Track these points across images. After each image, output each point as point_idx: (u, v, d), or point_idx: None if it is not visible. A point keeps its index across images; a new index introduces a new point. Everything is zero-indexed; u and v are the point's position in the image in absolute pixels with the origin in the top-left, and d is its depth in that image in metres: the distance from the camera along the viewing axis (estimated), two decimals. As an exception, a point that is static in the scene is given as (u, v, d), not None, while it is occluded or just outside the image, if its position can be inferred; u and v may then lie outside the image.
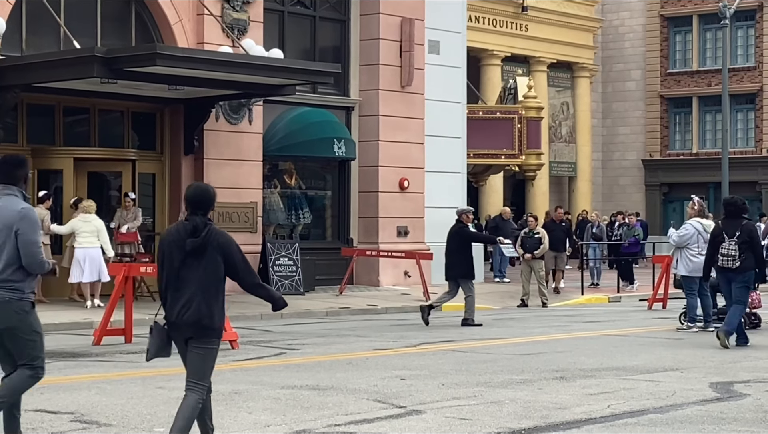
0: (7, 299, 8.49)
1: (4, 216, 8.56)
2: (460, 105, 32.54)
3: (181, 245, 8.42)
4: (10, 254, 8.51)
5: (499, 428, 10.12)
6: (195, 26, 25.85)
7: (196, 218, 8.45)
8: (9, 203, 8.60)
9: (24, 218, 8.54)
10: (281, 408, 11.10)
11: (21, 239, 8.50)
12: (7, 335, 8.58)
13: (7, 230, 8.52)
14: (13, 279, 8.52)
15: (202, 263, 8.40)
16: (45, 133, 25.02)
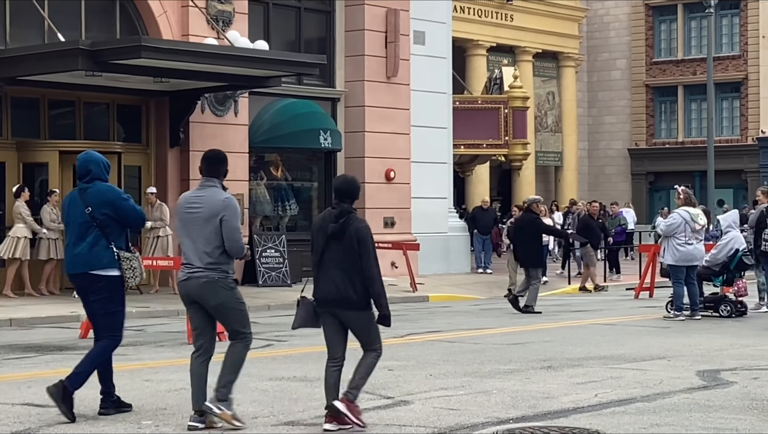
0: (215, 279, 9.63)
1: (211, 205, 9.65)
2: (445, 95, 32.52)
3: (325, 230, 9.62)
4: (217, 238, 9.59)
5: (486, 418, 10.13)
6: (180, 18, 25.79)
7: (341, 206, 9.66)
8: (213, 194, 9.71)
9: (228, 207, 9.64)
10: (269, 400, 11.10)
11: (225, 225, 9.60)
12: (218, 310, 9.76)
13: (214, 218, 9.59)
14: (219, 261, 9.63)
15: (341, 245, 9.56)
16: (30, 126, 24.95)
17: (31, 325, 19.22)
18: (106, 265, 10.16)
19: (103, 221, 10.15)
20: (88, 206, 10.14)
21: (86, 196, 10.21)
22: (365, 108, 29.49)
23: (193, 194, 9.90)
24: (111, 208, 10.18)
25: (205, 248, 9.63)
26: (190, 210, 9.74)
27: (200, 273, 9.64)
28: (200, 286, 9.66)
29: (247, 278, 26.22)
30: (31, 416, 10.17)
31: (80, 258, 10.18)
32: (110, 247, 10.16)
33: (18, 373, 13.15)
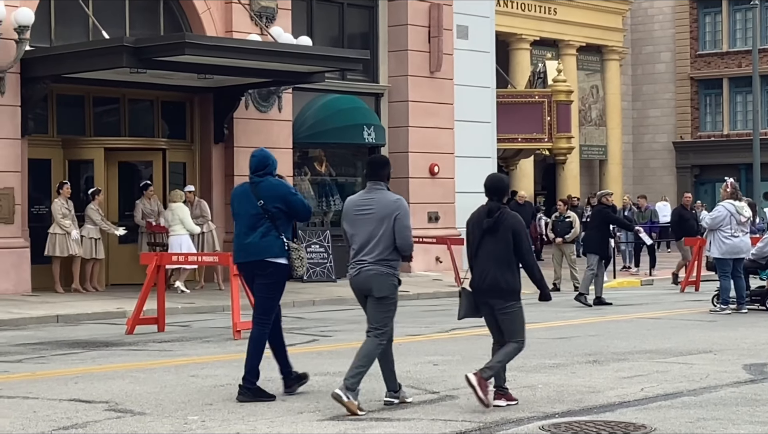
0: (385, 273, 10.27)
1: (384, 206, 10.34)
2: (489, 90, 32.44)
3: (480, 225, 10.46)
4: (388, 237, 10.24)
5: (532, 412, 10.10)
6: (223, 15, 25.86)
7: (491, 203, 10.47)
8: (384, 196, 10.43)
9: (400, 207, 10.34)
10: (314, 395, 11.10)
11: (398, 224, 10.27)
12: (376, 301, 10.30)
13: (388, 218, 10.27)
14: (390, 258, 10.31)
15: (495, 239, 10.37)
16: (75, 123, 25.11)
17: (77, 321, 19.34)
18: (277, 254, 10.87)
19: (274, 213, 10.87)
20: (261, 199, 10.86)
21: (258, 189, 10.93)
22: (409, 103, 29.47)
23: (361, 197, 10.60)
24: (282, 202, 10.90)
25: (375, 245, 10.30)
26: (360, 211, 10.44)
27: (370, 267, 10.30)
28: (369, 278, 10.31)
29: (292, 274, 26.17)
30: (78, 412, 10.21)
31: (252, 247, 10.88)
32: (280, 237, 10.87)
33: (65, 369, 13.22)
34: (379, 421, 9.78)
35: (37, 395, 11.12)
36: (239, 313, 16.36)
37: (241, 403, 10.61)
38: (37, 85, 22.83)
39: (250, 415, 10.00)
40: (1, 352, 15.08)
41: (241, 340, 15.97)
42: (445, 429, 9.40)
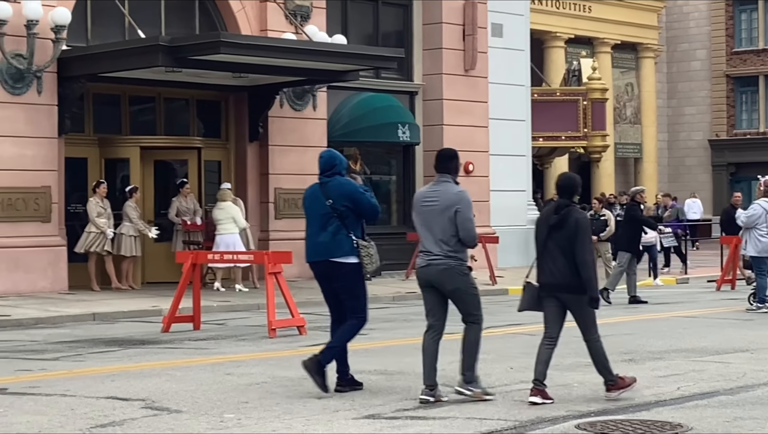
0: (452, 266, 10.54)
1: (446, 198, 10.55)
2: (524, 88, 32.41)
3: (547, 221, 10.70)
4: (452, 228, 10.47)
5: (568, 411, 10.09)
6: (258, 13, 25.92)
7: (561, 200, 10.74)
8: (447, 188, 10.62)
9: (462, 200, 10.55)
10: (350, 393, 11.11)
11: (460, 216, 10.48)
12: (454, 295, 10.66)
13: (449, 210, 10.48)
14: (455, 249, 10.54)
15: (561, 235, 10.57)
16: (111, 122, 25.23)
17: (113, 319, 19.44)
18: (347, 253, 11.09)
19: (343, 212, 11.09)
20: (329, 198, 11.10)
21: (327, 189, 11.17)
22: (443, 101, 29.47)
23: (428, 189, 10.81)
24: (350, 200, 11.10)
25: (441, 237, 10.54)
26: (427, 203, 10.67)
27: (439, 260, 10.55)
28: (439, 272, 10.56)
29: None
30: (115, 409, 10.26)
31: (323, 247, 11.15)
32: (350, 236, 11.08)
33: (101, 367, 13.29)
34: (415, 419, 9.78)
35: (75, 392, 11.18)
36: (274, 312, 16.41)
37: (277, 403, 10.64)
38: (73, 85, 22.97)
39: (285, 413, 10.03)
40: (39, 350, 15.18)
41: (276, 338, 16.04)
42: (481, 427, 9.39)
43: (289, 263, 17.68)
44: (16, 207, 22.29)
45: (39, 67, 22.39)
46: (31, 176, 22.45)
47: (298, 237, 26.00)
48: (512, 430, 9.30)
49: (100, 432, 9.25)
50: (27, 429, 9.33)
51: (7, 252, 22.10)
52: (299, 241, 25.69)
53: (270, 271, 16.75)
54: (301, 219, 26.56)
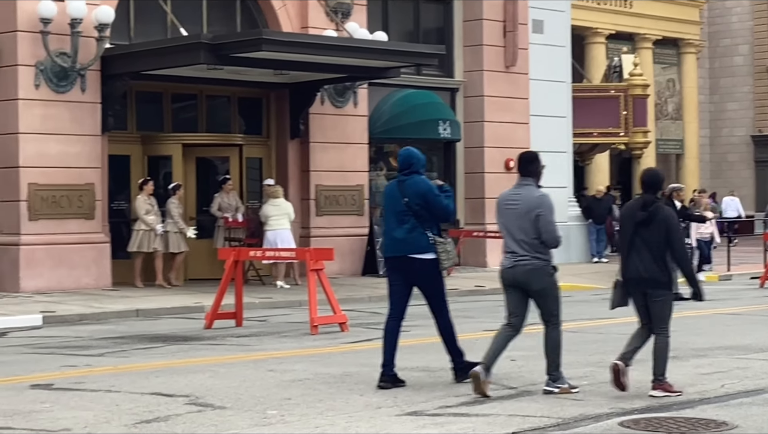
0: (539, 266, 10.81)
1: (527, 202, 10.81)
2: (565, 84, 32.33)
3: (633, 217, 10.82)
4: (535, 230, 10.73)
5: (611, 408, 10.07)
6: (299, 11, 25.98)
7: (646, 196, 10.83)
8: (529, 192, 10.90)
9: (542, 204, 10.81)
10: (392, 390, 11.14)
11: (541, 220, 10.76)
12: (539, 294, 10.89)
13: (531, 214, 10.75)
14: (540, 250, 10.82)
15: (648, 231, 10.71)
16: (154, 120, 25.36)
17: (156, 316, 19.55)
18: (424, 249, 11.31)
19: (418, 211, 11.34)
20: (406, 196, 11.37)
21: (404, 187, 11.44)
22: (484, 98, 29.44)
23: (511, 191, 11.12)
24: (423, 200, 11.34)
25: (524, 238, 10.82)
26: (509, 206, 10.97)
27: (525, 261, 10.82)
28: (526, 272, 10.83)
29: (367, 269, 26.36)
30: (159, 405, 10.33)
31: (399, 243, 11.39)
32: (426, 233, 11.31)
33: (146, 363, 13.38)
34: (458, 416, 9.79)
35: (120, 388, 11.26)
36: (316, 308, 16.45)
37: (320, 400, 10.68)
38: (116, 83, 23.10)
39: (329, 410, 10.06)
40: (84, 346, 15.29)
41: (318, 335, 16.08)
42: (524, 424, 9.39)
43: (330, 260, 17.69)
44: (60, 204, 22.45)
45: (83, 65, 22.54)
46: (75, 174, 22.62)
47: (338, 234, 26.22)
48: (555, 427, 9.29)
49: (145, 427, 9.31)
50: (73, 425, 9.41)
51: (51, 249, 22.27)
52: (340, 238, 26.02)
53: (312, 268, 16.79)
54: (342, 216, 26.90)
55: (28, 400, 10.64)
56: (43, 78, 22.28)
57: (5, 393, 11.06)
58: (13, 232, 22.15)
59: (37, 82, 22.21)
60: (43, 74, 22.27)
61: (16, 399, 10.69)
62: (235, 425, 9.44)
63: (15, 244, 22.04)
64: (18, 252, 21.98)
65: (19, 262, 21.94)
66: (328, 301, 16.80)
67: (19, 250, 21.98)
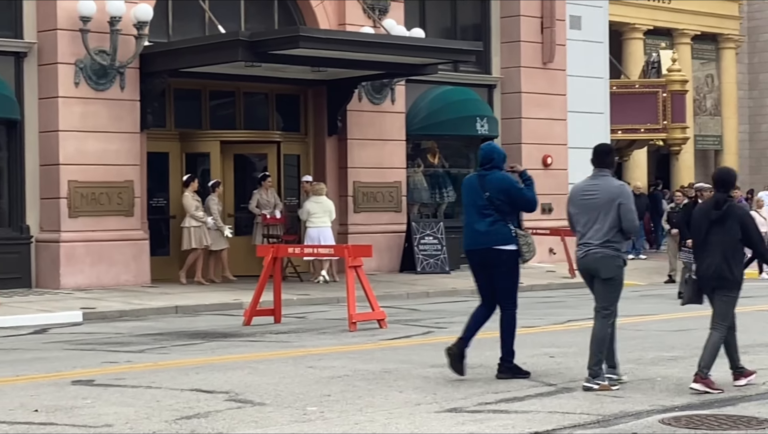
0: (611, 255, 11.00)
1: (607, 191, 11.06)
2: (602, 80, 32.24)
3: (707, 216, 10.94)
4: (612, 220, 10.96)
5: (651, 406, 10.03)
6: (336, 8, 26.01)
7: (718, 195, 10.97)
8: (607, 182, 11.14)
9: (623, 193, 11.09)
10: (431, 386, 11.15)
11: (623, 208, 10.98)
12: (605, 283, 11.05)
13: (611, 202, 10.98)
14: (614, 240, 11.03)
15: (723, 230, 10.82)
16: (192, 117, 25.46)
17: (195, 312, 19.63)
18: (506, 241, 11.57)
19: (500, 205, 11.57)
20: (487, 190, 11.59)
21: (485, 182, 11.65)
22: (521, 94, 29.40)
23: (586, 183, 11.31)
24: (506, 195, 11.58)
25: (601, 228, 11.02)
26: (586, 196, 11.20)
27: (597, 249, 11.04)
28: (596, 260, 11.05)
29: (405, 265, 26.38)
30: (199, 401, 10.37)
31: (481, 236, 11.63)
32: (508, 225, 11.60)
33: (185, 359, 13.44)
34: (497, 413, 9.79)
35: (160, 385, 11.32)
36: (355, 305, 16.47)
37: (359, 397, 10.69)
38: (155, 80, 23.21)
39: (368, 407, 10.08)
40: (124, 342, 15.38)
41: (357, 332, 16.11)
42: (563, 421, 9.38)
43: (369, 257, 17.70)
44: (99, 201, 22.58)
45: (122, 63, 22.65)
46: (114, 171, 22.74)
47: (376, 231, 26.24)
48: (595, 425, 9.27)
49: (185, 423, 9.35)
50: (114, 421, 9.47)
51: (91, 246, 22.41)
52: (378, 234, 26.05)
53: (350, 264, 16.81)
54: (379, 213, 26.91)
55: (69, 396, 10.72)
56: (83, 76, 22.41)
57: (47, 389, 11.14)
58: (53, 229, 22.30)
59: (76, 80, 22.35)
60: (83, 72, 22.40)
61: (58, 395, 10.77)
62: (275, 421, 9.47)
63: (55, 241, 22.19)
64: (58, 249, 22.13)
65: (60, 259, 22.08)
66: (367, 298, 16.82)
67: (59, 247, 22.13)
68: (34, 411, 9.94)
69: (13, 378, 12.06)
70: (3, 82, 21.94)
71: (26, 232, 22.51)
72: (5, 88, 21.91)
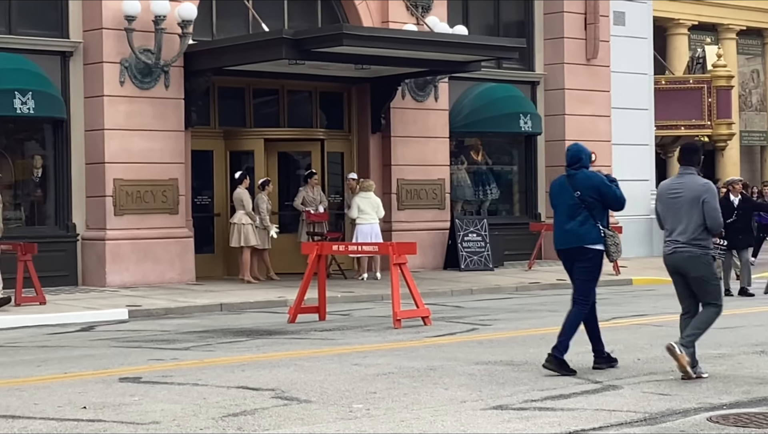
0: (698, 254, 11.30)
1: (693, 189, 11.33)
2: (646, 76, 32.10)
3: None
4: (698, 218, 11.26)
5: (699, 403, 9.98)
6: (379, 5, 26.03)
7: None
8: (693, 180, 11.41)
9: (708, 190, 11.34)
10: (477, 383, 11.14)
11: (707, 206, 11.25)
12: (696, 282, 11.36)
13: (695, 200, 11.27)
14: (701, 237, 11.32)
15: None
16: (236, 115, 25.56)
17: (240, 310, 19.70)
18: (594, 240, 11.81)
19: (590, 203, 11.81)
20: (577, 189, 11.84)
21: (575, 181, 11.91)
22: (565, 91, 29.32)
23: (673, 181, 11.65)
24: (597, 192, 11.84)
25: (687, 226, 11.32)
26: (672, 194, 11.48)
27: (684, 248, 11.34)
28: (684, 259, 11.37)
29: (449, 263, 26.36)
30: (245, 399, 10.41)
31: (571, 234, 11.89)
32: (597, 225, 11.80)
33: (231, 357, 13.49)
34: (543, 410, 9.77)
35: (206, 382, 11.37)
36: (399, 302, 16.47)
37: (404, 394, 10.70)
38: (199, 79, 23.31)
39: (414, 404, 10.08)
40: (170, 340, 15.46)
41: (402, 329, 16.12)
42: (610, 419, 9.35)
43: (413, 254, 17.70)
44: (144, 199, 22.71)
45: (166, 61, 22.77)
46: (159, 169, 22.86)
47: (420, 228, 26.25)
48: (642, 423, 9.24)
49: (231, 421, 9.39)
50: (161, 418, 9.52)
51: (136, 244, 22.54)
52: (421, 232, 26.06)
53: (395, 262, 16.81)
54: (423, 210, 26.93)
55: (117, 393, 10.79)
56: (128, 75, 22.54)
57: (95, 386, 11.22)
58: (99, 227, 22.45)
59: (121, 78, 22.48)
60: (128, 71, 22.53)
61: (106, 392, 10.85)
62: (321, 419, 9.49)
63: (101, 239, 22.33)
64: (104, 247, 22.27)
65: (105, 257, 22.22)
66: (411, 295, 16.82)
67: (104, 245, 22.27)
68: (82, 407, 10.01)
69: (61, 375, 12.15)
70: (49, 82, 22.10)
71: (72, 230, 22.67)
72: (52, 88, 22.08)
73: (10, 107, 21.30)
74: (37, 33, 22.49)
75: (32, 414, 9.78)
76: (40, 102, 21.57)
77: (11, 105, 21.28)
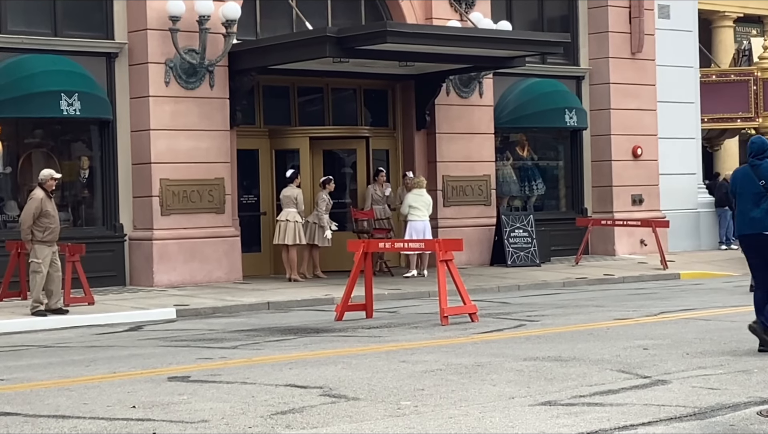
0: None
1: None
2: (692, 69, 31.91)
3: None
4: None
5: (748, 397, 9.91)
6: (423, 2, 26.02)
7: None
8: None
9: None
10: (525, 379, 11.12)
11: None
12: None
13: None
14: None
15: None
16: (281, 113, 25.61)
17: (287, 308, 19.75)
18: None
19: None
20: (762, 178, 12.54)
21: (760, 170, 12.60)
22: (610, 85, 29.19)
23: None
24: None
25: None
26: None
27: None
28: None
29: (495, 259, 26.33)
30: (293, 397, 10.43)
31: (756, 222, 12.60)
32: None
33: (279, 355, 13.53)
34: (591, 406, 9.73)
35: (254, 380, 11.40)
36: (446, 299, 16.46)
37: (462, 388, 10.70)
38: (244, 78, 23.38)
39: (462, 400, 10.07)
40: (218, 338, 15.52)
41: (449, 326, 16.11)
42: (660, 414, 9.30)
43: (459, 251, 17.68)
44: (191, 199, 22.81)
45: (211, 61, 22.86)
46: (205, 168, 22.95)
47: (466, 224, 26.23)
48: (692, 417, 9.18)
49: (280, 419, 9.41)
50: (210, 416, 9.56)
51: (183, 243, 22.65)
52: (467, 228, 26.04)
53: (441, 259, 16.80)
54: (469, 206, 26.92)
55: (166, 392, 10.84)
56: (173, 75, 22.65)
57: (144, 385, 11.28)
58: (146, 227, 22.58)
59: (167, 79, 22.59)
60: (173, 71, 22.64)
61: (155, 391, 10.90)
62: (370, 416, 9.50)
63: (148, 239, 22.45)
64: (151, 247, 22.39)
65: (153, 256, 22.34)
66: (458, 291, 16.81)
67: (152, 244, 22.39)
68: (132, 407, 10.07)
69: (110, 374, 12.23)
70: (95, 83, 22.24)
71: (120, 230, 22.81)
72: (97, 89, 22.21)
73: (57, 109, 21.44)
74: (83, 35, 22.63)
75: (82, 413, 9.84)
76: (87, 103, 21.70)
77: (58, 107, 21.42)
